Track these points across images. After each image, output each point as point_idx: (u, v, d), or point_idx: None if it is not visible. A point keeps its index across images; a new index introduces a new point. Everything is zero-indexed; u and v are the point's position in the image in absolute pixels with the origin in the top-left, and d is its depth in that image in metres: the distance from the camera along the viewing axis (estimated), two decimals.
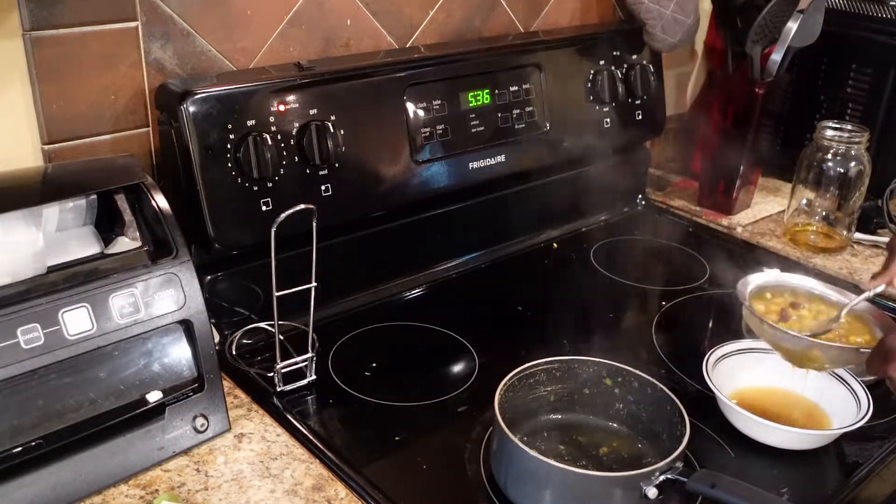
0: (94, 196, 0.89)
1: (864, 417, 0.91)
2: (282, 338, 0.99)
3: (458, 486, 0.87)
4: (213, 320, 1.00)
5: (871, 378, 0.98)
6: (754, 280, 1.04)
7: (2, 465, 0.77)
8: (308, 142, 1.04)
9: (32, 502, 0.79)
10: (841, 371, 0.97)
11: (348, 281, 1.17)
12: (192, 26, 1.03)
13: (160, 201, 0.88)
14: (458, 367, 1.06)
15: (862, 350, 0.90)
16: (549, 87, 1.30)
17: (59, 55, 0.94)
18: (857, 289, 1.06)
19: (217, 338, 1.03)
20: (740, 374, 1.01)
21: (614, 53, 1.38)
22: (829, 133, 1.37)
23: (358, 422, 0.96)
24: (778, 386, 1.01)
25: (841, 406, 0.96)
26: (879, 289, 0.94)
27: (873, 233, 1.44)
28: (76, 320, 0.80)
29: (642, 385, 0.91)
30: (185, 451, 0.88)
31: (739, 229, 1.49)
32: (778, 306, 1.01)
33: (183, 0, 1.01)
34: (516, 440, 0.81)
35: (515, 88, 1.26)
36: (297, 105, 1.03)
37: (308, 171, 1.06)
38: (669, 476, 0.79)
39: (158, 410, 0.87)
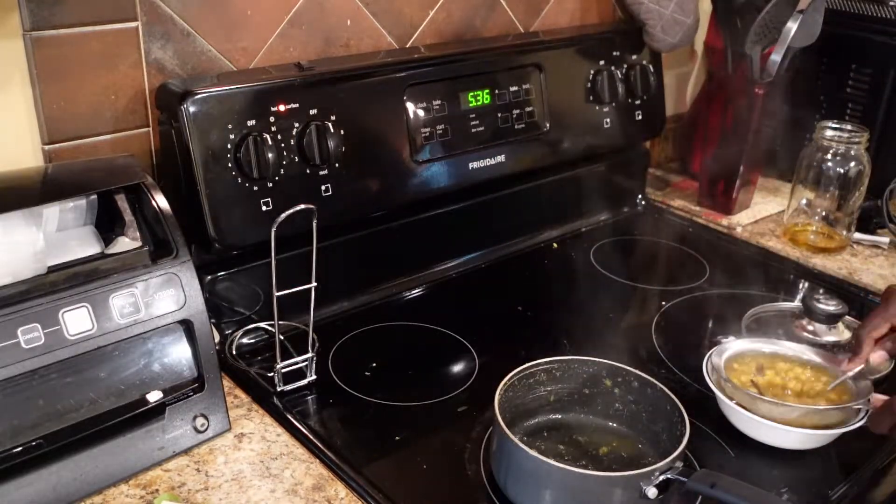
0: (95, 196, 0.89)
1: (864, 417, 0.91)
2: (282, 338, 0.99)
3: (458, 486, 0.87)
4: (213, 320, 1.01)
5: (873, 377, 0.98)
6: (719, 354, 1.00)
7: (2, 465, 0.77)
8: (308, 142, 1.04)
9: (32, 502, 0.79)
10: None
11: (348, 281, 1.17)
12: (192, 26, 1.03)
13: (160, 201, 0.88)
14: (458, 367, 1.07)
15: (855, 406, 0.91)
16: (549, 87, 1.30)
17: (59, 55, 0.94)
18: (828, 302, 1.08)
19: (217, 338, 1.03)
20: None
21: (614, 53, 1.38)
22: (829, 133, 1.37)
23: (358, 422, 0.96)
24: None
25: None
26: (856, 370, 0.95)
27: (873, 233, 1.44)
28: (76, 320, 0.80)
29: (642, 385, 0.91)
30: (186, 451, 0.88)
31: (739, 229, 1.49)
32: (747, 376, 0.99)
33: (183, 0, 1.01)
34: (516, 440, 0.81)
35: (515, 88, 1.26)
36: (297, 105, 1.03)
37: (308, 171, 1.06)
38: (669, 476, 0.79)
39: (158, 410, 0.87)
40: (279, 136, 1.02)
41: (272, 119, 1.02)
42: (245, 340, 1.07)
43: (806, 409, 0.91)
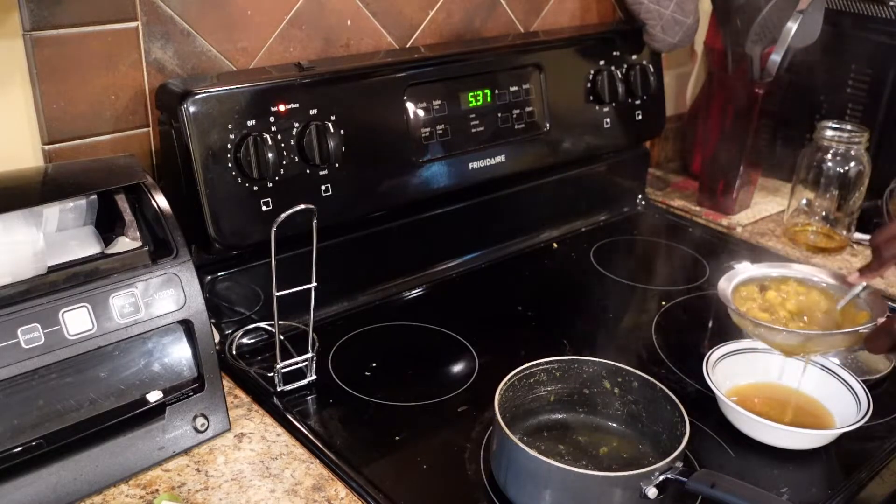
0: (95, 196, 0.89)
1: (864, 417, 0.91)
2: (282, 338, 0.99)
3: (458, 486, 0.87)
4: (213, 320, 1.01)
5: (873, 377, 0.98)
6: (733, 279, 1.03)
7: (2, 465, 0.77)
8: (308, 142, 1.04)
9: (32, 502, 0.79)
10: (841, 370, 0.97)
11: (348, 281, 1.17)
12: (192, 26, 1.03)
13: (160, 201, 0.88)
14: (458, 367, 1.07)
15: (861, 330, 0.91)
16: (549, 87, 1.30)
17: (59, 55, 0.94)
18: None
19: (217, 338, 1.03)
20: (740, 374, 1.01)
21: (614, 53, 1.38)
22: (829, 133, 1.37)
23: (358, 422, 0.96)
24: (778, 386, 1.01)
25: (841, 406, 0.96)
26: (861, 286, 0.95)
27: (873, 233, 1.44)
28: (76, 320, 0.80)
29: (642, 385, 0.91)
30: (186, 451, 0.88)
31: (739, 229, 1.49)
32: (752, 300, 1.00)
33: (183, 0, 1.01)
34: (516, 440, 0.81)
35: (515, 88, 1.26)
36: (297, 105, 1.03)
37: (308, 171, 1.06)
38: (669, 476, 0.79)
39: (159, 410, 0.87)
40: (279, 136, 1.02)
41: (272, 119, 1.02)
42: (245, 340, 1.07)
43: (808, 333, 0.91)
